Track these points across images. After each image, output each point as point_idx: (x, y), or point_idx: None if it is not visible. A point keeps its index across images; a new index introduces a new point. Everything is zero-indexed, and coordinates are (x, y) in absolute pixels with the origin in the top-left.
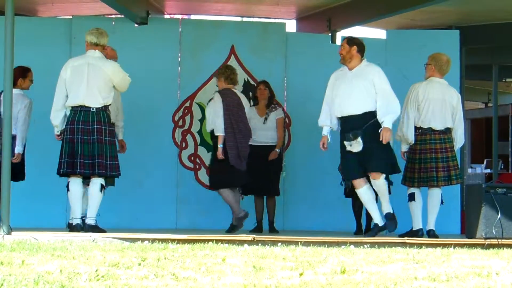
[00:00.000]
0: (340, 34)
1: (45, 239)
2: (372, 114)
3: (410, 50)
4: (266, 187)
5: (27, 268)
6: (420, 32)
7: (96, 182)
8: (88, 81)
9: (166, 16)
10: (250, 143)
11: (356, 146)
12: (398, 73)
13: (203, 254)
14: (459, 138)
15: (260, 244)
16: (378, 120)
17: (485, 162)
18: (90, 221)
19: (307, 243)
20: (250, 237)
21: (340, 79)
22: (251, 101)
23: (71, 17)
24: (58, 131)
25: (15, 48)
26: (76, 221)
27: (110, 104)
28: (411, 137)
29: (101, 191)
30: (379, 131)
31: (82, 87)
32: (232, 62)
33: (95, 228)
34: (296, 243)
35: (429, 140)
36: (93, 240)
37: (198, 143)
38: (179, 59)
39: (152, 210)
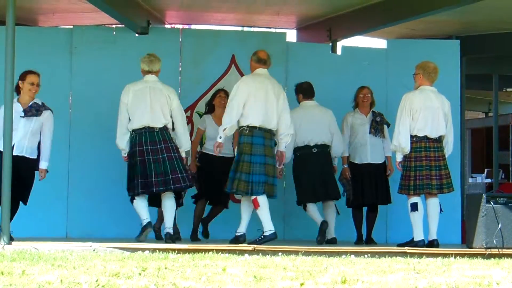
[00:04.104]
0: (341, 44)
1: (46, 249)
2: None
3: (410, 59)
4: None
5: (28, 278)
6: (421, 42)
7: (170, 196)
8: (152, 103)
9: (167, 26)
10: None
11: None
12: (398, 83)
13: (203, 264)
14: (450, 146)
15: (260, 254)
16: None
17: (485, 172)
18: (169, 230)
19: (307, 253)
20: (250, 246)
21: None
22: None
23: (71, 27)
24: (125, 154)
25: (15, 57)
26: (146, 220)
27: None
28: (407, 147)
29: (175, 203)
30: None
31: (146, 110)
32: (233, 72)
33: (172, 236)
34: (296, 252)
35: (424, 148)
36: (94, 250)
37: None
38: (180, 69)
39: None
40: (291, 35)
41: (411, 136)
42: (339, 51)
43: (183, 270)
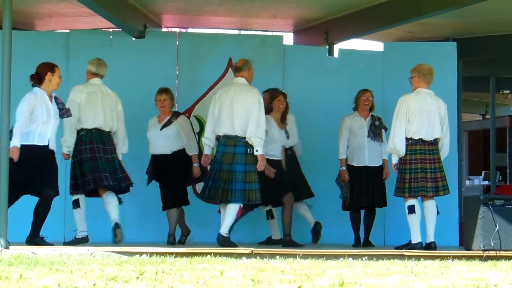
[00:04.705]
0: (338, 47)
1: (43, 253)
2: None
3: (407, 62)
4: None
5: (25, 283)
6: (418, 44)
7: (113, 194)
8: (104, 106)
9: (164, 30)
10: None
11: None
12: (395, 85)
13: (201, 267)
14: (445, 148)
15: (258, 257)
16: None
17: (483, 174)
18: (117, 221)
19: (305, 256)
20: (248, 250)
21: None
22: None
23: (68, 31)
24: (70, 151)
25: (12, 62)
26: (84, 233)
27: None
28: (403, 150)
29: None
30: None
31: (99, 112)
32: (230, 75)
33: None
34: (294, 256)
35: (420, 151)
36: (91, 254)
37: None
38: (177, 73)
39: (150, 223)
40: (288, 38)
41: (407, 139)
42: (336, 54)
43: (181, 273)
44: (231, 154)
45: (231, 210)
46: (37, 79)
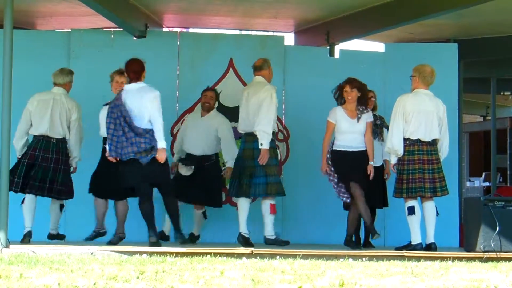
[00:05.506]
0: (339, 47)
1: (43, 252)
2: None
3: (408, 63)
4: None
5: (25, 282)
6: (419, 46)
7: (57, 202)
8: (52, 114)
9: (165, 29)
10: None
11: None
12: (396, 86)
13: (201, 267)
14: (444, 149)
15: (258, 257)
16: None
17: (483, 175)
18: (53, 231)
19: (305, 256)
20: (248, 250)
21: None
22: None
23: (69, 30)
24: (19, 155)
25: (13, 61)
26: (29, 229)
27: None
28: (401, 150)
29: (60, 210)
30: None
31: (46, 120)
32: (231, 75)
33: (55, 236)
34: (294, 256)
35: (417, 151)
36: (91, 253)
37: None
38: (178, 72)
39: None
40: (289, 39)
41: (404, 139)
42: (337, 54)
43: (181, 273)
44: (250, 150)
45: (264, 208)
46: (138, 76)
